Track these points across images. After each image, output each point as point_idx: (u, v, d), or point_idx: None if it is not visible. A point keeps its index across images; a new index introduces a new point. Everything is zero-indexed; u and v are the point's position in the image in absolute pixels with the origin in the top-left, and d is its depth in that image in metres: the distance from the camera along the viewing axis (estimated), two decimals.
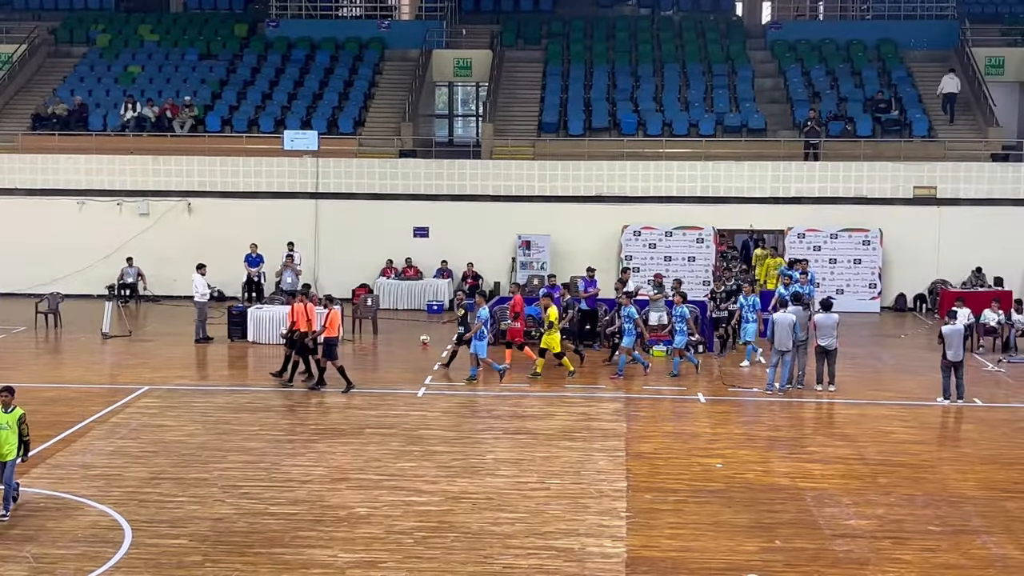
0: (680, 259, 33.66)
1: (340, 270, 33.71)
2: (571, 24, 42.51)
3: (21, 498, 16.14)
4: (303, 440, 19.62)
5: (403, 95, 38.61)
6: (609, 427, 20.53)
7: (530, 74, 40.10)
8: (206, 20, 43.84)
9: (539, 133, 36.70)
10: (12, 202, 35.35)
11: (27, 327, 30.07)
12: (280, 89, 39.17)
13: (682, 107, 37.32)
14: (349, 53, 41.20)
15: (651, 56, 40.44)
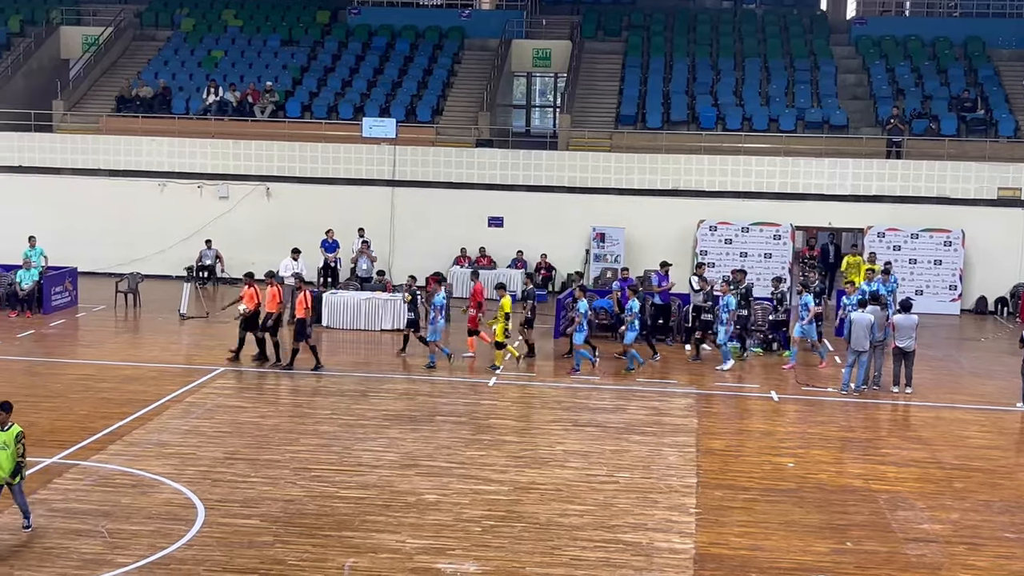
0: (756, 255, 33.33)
1: (414, 258, 33.84)
2: (652, 16, 42.24)
3: (99, 474, 16.43)
4: (374, 425, 19.75)
5: (481, 84, 38.65)
6: (680, 422, 20.40)
7: (609, 66, 39.93)
8: (289, 6, 44.23)
9: (617, 125, 36.54)
10: (96, 183, 35.96)
11: (107, 306, 30.59)
12: (360, 76, 39.40)
13: (762, 102, 36.93)
14: (429, 42, 41.32)
15: (732, 49, 40.07)
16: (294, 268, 28.90)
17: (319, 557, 13.76)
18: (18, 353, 25.04)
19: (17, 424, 14.03)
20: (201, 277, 33.62)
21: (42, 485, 16.01)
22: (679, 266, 30.88)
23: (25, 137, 36.54)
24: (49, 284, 29.80)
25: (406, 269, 31.93)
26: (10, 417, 13.95)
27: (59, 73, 41.99)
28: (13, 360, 24.29)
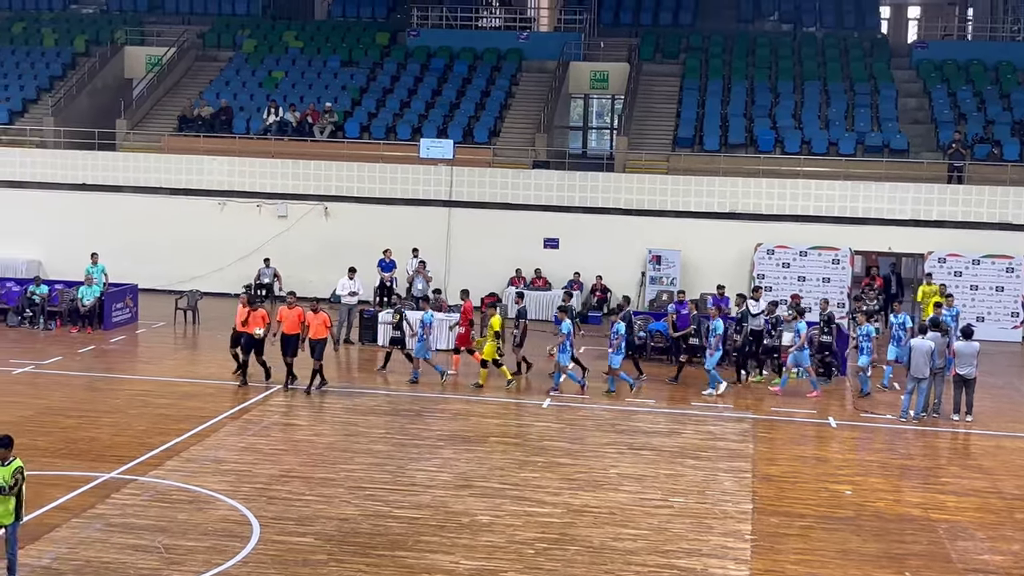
0: (814, 280, 33.05)
1: (469, 278, 33.86)
2: (710, 39, 42.14)
3: (156, 489, 16.60)
4: (429, 445, 19.78)
5: (539, 106, 38.74)
6: (736, 447, 20.25)
7: (667, 88, 39.86)
8: (349, 28, 44.63)
9: (674, 147, 36.45)
10: (157, 201, 36.42)
11: (167, 322, 30.93)
12: (418, 97, 39.65)
13: (822, 125, 36.69)
14: (487, 63, 41.51)
15: (791, 73, 39.87)
16: (351, 287, 29.08)
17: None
18: (79, 368, 25.39)
19: (19, 459, 13.01)
20: (259, 295, 33.88)
21: (100, 500, 16.20)
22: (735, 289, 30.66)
23: (89, 155, 37.11)
24: (110, 301, 30.21)
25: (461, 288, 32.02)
26: (11, 452, 12.89)
27: (123, 92, 42.64)
28: (74, 375, 24.63)
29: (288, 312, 23.61)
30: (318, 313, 23.64)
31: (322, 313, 23.69)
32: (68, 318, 30.13)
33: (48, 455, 18.35)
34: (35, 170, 36.99)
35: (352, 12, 46.12)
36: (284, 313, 23.64)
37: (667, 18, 43.81)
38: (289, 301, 23.90)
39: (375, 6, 45.96)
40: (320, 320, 23.60)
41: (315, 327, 23.57)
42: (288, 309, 23.66)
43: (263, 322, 23.77)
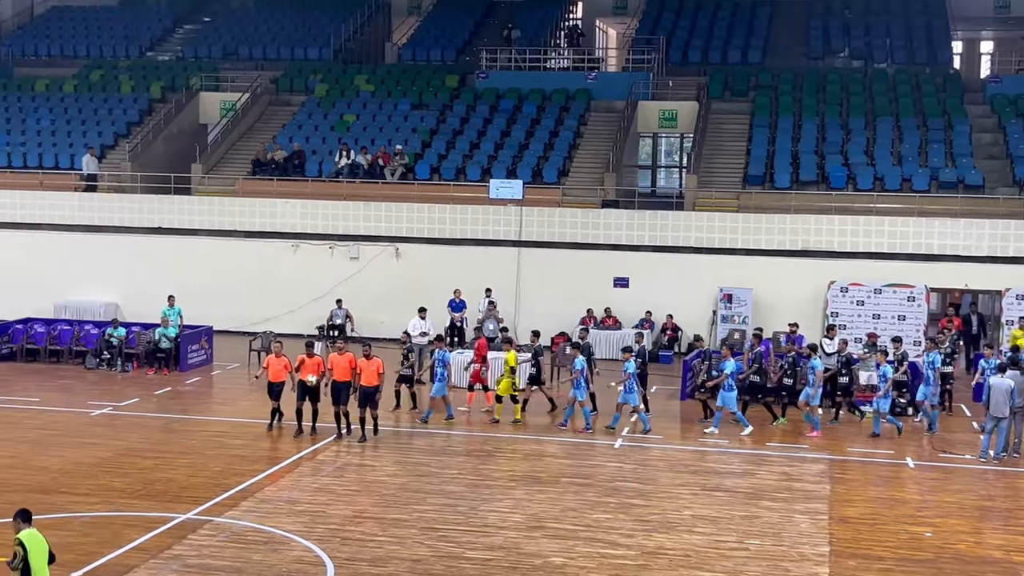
0: (889, 318, 32.61)
1: (539, 318, 33.88)
2: (780, 76, 41.96)
3: (232, 530, 16.74)
4: (500, 486, 19.76)
5: (607, 145, 38.80)
6: (812, 489, 19.98)
7: (736, 126, 39.74)
8: (419, 71, 45.10)
9: (744, 185, 36.27)
10: (231, 243, 36.92)
11: (240, 364, 31.26)
12: (487, 139, 39.90)
13: (895, 161, 36.32)
14: (556, 104, 41.69)
15: (863, 109, 39.55)
16: (422, 327, 29.24)
17: None
18: (156, 410, 25.74)
19: (31, 530, 12.46)
20: (332, 336, 34.15)
21: (176, 541, 16.37)
22: (808, 328, 30.39)
23: (165, 200, 37.78)
24: (186, 342, 30.63)
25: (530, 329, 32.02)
26: (26, 526, 12.45)
27: (198, 137, 43.43)
28: (151, 417, 24.98)
29: (338, 359, 22.73)
30: (371, 359, 22.69)
31: (376, 359, 22.73)
32: (145, 360, 30.59)
33: (126, 496, 18.60)
34: (113, 214, 37.72)
35: (422, 56, 46.61)
36: (334, 360, 22.78)
37: (736, 56, 43.73)
38: (339, 346, 23.23)
39: (444, 49, 46.42)
40: (373, 367, 22.62)
41: (367, 374, 22.57)
42: (338, 355, 22.80)
43: (317, 370, 22.86)
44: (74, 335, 31.69)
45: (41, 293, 36.57)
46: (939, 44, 43.41)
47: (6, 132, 42.22)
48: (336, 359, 22.76)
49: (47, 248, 37.52)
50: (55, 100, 44.49)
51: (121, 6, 52.09)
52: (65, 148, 40.96)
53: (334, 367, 22.70)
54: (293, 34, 47.99)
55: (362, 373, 22.54)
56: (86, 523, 17.20)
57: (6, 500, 18.19)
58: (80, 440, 22.43)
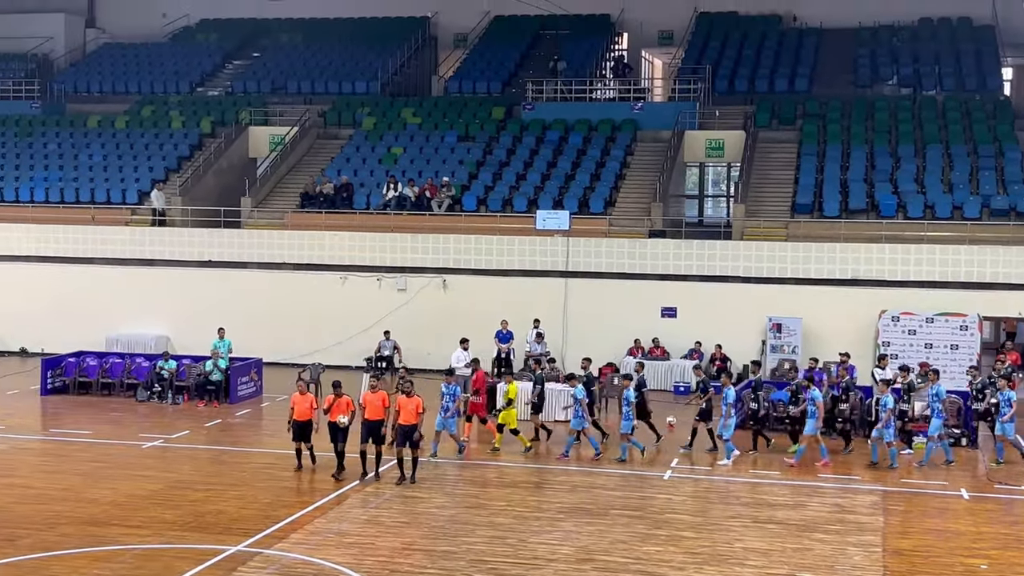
0: (942, 347, 32.22)
1: (587, 348, 33.71)
2: (828, 104, 41.76)
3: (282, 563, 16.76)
4: (549, 518, 19.66)
5: (654, 175, 38.75)
6: (865, 520, 19.72)
7: (784, 155, 39.57)
8: (465, 104, 45.33)
9: (792, 214, 36.08)
10: (280, 276, 37.20)
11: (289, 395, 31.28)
12: (534, 170, 39.98)
13: (945, 189, 35.98)
14: (602, 134, 41.73)
15: (912, 136, 39.26)
16: (465, 359, 29.20)
17: None
18: (206, 442, 25.89)
19: None
20: (380, 367, 34.25)
21: (227, 573, 16.41)
22: (860, 357, 30.11)
23: (215, 233, 38.17)
24: (236, 375, 30.82)
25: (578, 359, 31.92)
26: None
27: (247, 171, 43.87)
28: (201, 449, 25.13)
29: (371, 396, 21.71)
30: (411, 397, 21.62)
31: (416, 397, 21.65)
32: (195, 392, 30.80)
33: (176, 528, 18.68)
34: (163, 248, 38.15)
35: (468, 88, 46.85)
36: (367, 398, 21.80)
37: (783, 85, 43.58)
38: (372, 384, 22.04)
39: (491, 82, 46.65)
40: (413, 405, 21.51)
41: (406, 412, 21.46)
42: (372, 393, 21.77)
43: (347, 409, 21.96)
44: (125, 368, 31.99)
45: (93, 326, 37.00)
46: (988, 71, 43.05)
47: (59, 168, 42.86)
48: (369, 397, 21.77)
49: (99, 282, 37.99)
50: (107, 136, 45.14)
51: (172, 42, 52.83)
52: (117, 183, 41.51)
53: (367, 405, 21.70)
54: (341, 68, 48.44)
55: (400, 411, 21.50)
56: (137, 555, 17.29)
57: (59, 533, 18.36)
58: (131, 472, 22.59)
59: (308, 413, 22.68)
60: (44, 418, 28.91)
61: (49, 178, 42.14)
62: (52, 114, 47.80)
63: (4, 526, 18.41)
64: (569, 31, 48.91)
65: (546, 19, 49.22)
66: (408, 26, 50.52)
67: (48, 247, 38.66)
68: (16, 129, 46.23)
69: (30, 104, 48.26)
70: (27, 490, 21.10)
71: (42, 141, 45.12)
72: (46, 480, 21.96)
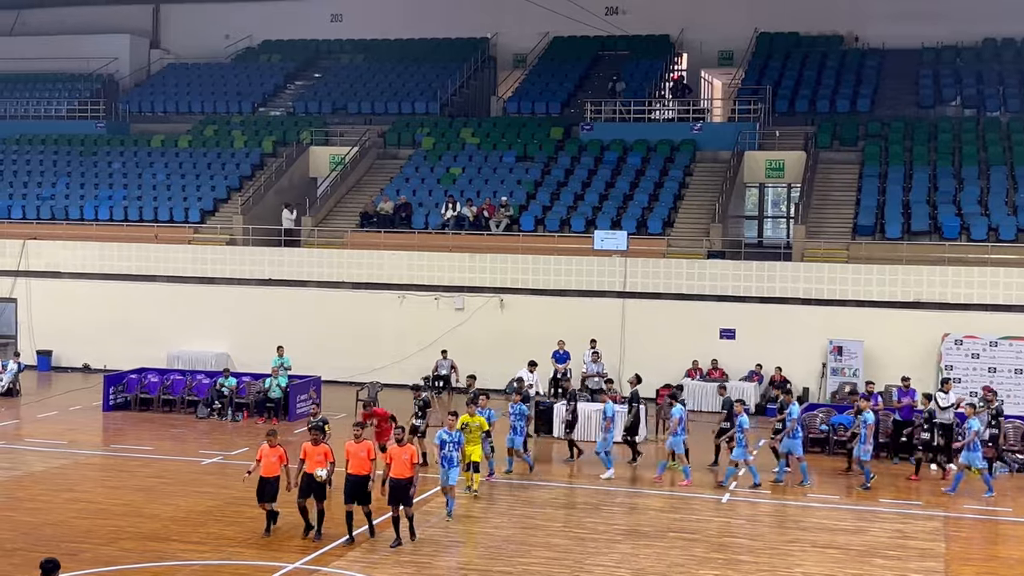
0: (1006, 371, 31.71)
1: (644, 370, 33.40)
2: (890, 125, 41.37)
3: None
4: (606, 540, 19.56)
5: (713, 196, 38.58)
6: (926, 546, 19.42)
7: (845, 176, 39.23)
8: (524, 124, 45.43)
9: (854, 236, 35.72)
10: (340, 295, 37.43)
11: (347, 414, 31.45)
12: (592, 190, 39.94)
13: (1010, 211, 35.46)
14: (660, 155, 41.62)
15: (976, 158, 38.76)
16: (529, 380, 29.23)
17: None
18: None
19: None
20: (437, 387, 34.32)
21: None
22: (921, 381, 29.72)
23: (276, 252, 38.50)
24: (295, 392, 31.04)
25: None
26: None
27: (308, 191, 44.25)
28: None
29: (354, 447, 18.89)
30: (404, 446, 18.77)
31: (410, 446, 18.89)
32: (255, 409, 31.05)
33: (235, 544, 18.81)
34: (225, 266, 38.55)
35: (527, 108, 46.96)
36: (350, 449, 18.94)
37: (844, 105, 43.23)
38: (355, 432, 19.09)
39: (549, 102, 46.73)
40: (407, 455, 18.60)
41: (399, 465, 18.51)
42: (355, 443, 18.90)
43: (326, 460, 18.95)
44: (186, 385, 32.35)
45: (155, 343, 37.47)
46: None
47: (123, 187, 43.51)
48: (352, 448, 18.91)
49: (161, 299, 38.47)
50: (170, 155, 45.76)
51: (234, 63, 53.51)
52: (180, 202, 42.05)
53: (350, 457, 18.88)
54: (400, 89, 48.75)
55: (392, 463, 18.63)
56: (196, 571, 17.44)
57: (120, 547, 18.56)
58: (191, 488, 22.79)
59: (275, 468, 19.21)
60: (106, 434, 29.27)
61: (113, 197, 42.78)
62: (116, 133, 48.56)
63: (66, 540, 18.65)
64: (628, 52, 48.94)
65: (605, 40, 49.27)
66: (467, 47, 50.79)
67: (111, 265, 39.20)
68: (81, 148, 47.01)
69: (95, 124, 49.07)
70: (89, 505, 21.37)
71: (106, 160, 45.83)
72: (107, 495, 22.23)
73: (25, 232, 40.79)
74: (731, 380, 33.31)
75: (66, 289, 39.30)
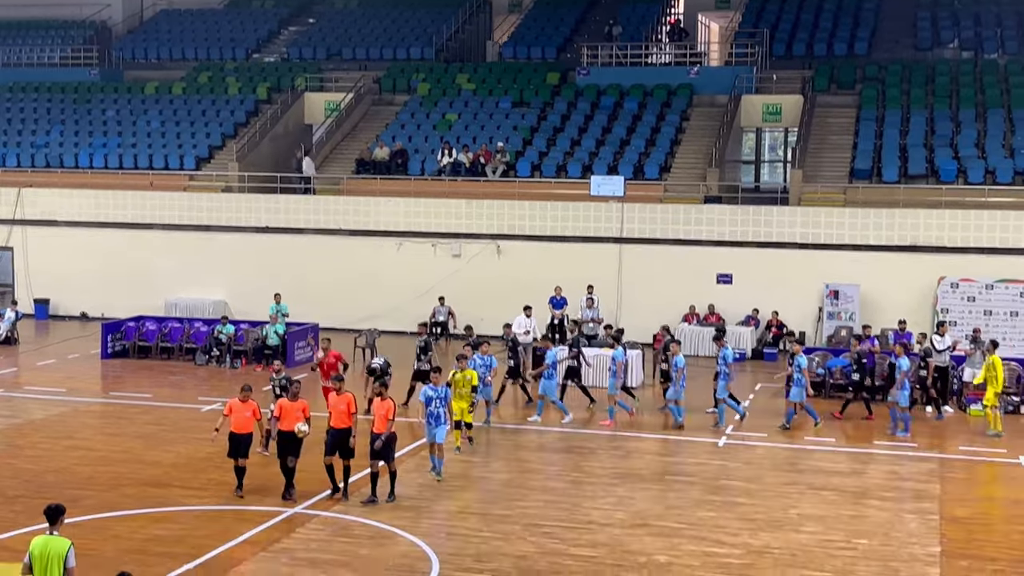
0: (1001, 314, 31.81)
1: (641, 315, 33.75)
2: (887, 69, 41.17)
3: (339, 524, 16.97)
4: (603, 483, 19.72)
5: (710, 141, 38.47)
6: (922, 488, 19.60)
7: (842, 119, 39.11)
8: (520, 69, 45.17)
9: (851, 180, 35.68)
10: (336, 241, 37.40)
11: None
12: (588, 135, 39.82)
13: (1007, 154, 35.40)
14: (657, 99, 41.44)
15: (973, 101, 38.62)
16: (527, 325, 29.31)
17: None
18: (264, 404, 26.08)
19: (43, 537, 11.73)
20: (435, 333, 34.36)
21: (285, 534, 16.67)
22: (916, 324, 29.83)
23: (271, 199, 38.42)
24: (292, 339, 31.12)
25: (631, 326, 31.94)
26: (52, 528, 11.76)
27: (303, 137, 44.07)
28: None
29: (335, 400, 18.58)
30: (384, 400, 18.45)
31: (388, 400, 18.45)
32: (253, 356, 31.14)
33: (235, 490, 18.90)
34: (220, 214, 38.47)
35: (523, 53, 46.68)
36: (331, 402, 18.71)
37: (842, 48, 43.00)
38: (336, 386, 18.82)
39: (545, 47, 46.43)
40: (384, 409, 18.27)
41: (378, 419, 18.26)
42: (336, 396, 18.61)
43: (304, 415, 18.55)
44: (184, 332, 32.42)
45: (152, 291, 37.49)
46: None
47: (117, 134, 43.32)
48: (333, 401, 18.64)
49: (158, 247, 38.43)
50: (164, 102, 45.54)
51: (228, 9, 53.10)
52: (174, 149, 41.89)
53: (331, 410, 18.61)
54: (395, 34, 48.42)
55: (376, 419, 18.32)
56: (198, 516, 17.58)
57: (121, 494, 18.71)
58: (191, 435, 22.91)
59: (248, 425, 18.97)
60: (104, 382, 29.38)
61: (108, 144, 42.60)
62: (110, 81, 48.26)
63: (67, 487, 18.78)
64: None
65: None
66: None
67: (107, 213, 39.12)
68: (75, 96, 46.75)
69: (88, 71, 48.74)
70: (89, 452, 21.50)
71: (100, 108, 45.59)
72: (107, 442, 22.37)
73: (20, 180, 40.67)
74: (728, 324, 33.40)
75: (62, 237, 39.26)
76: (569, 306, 33.17)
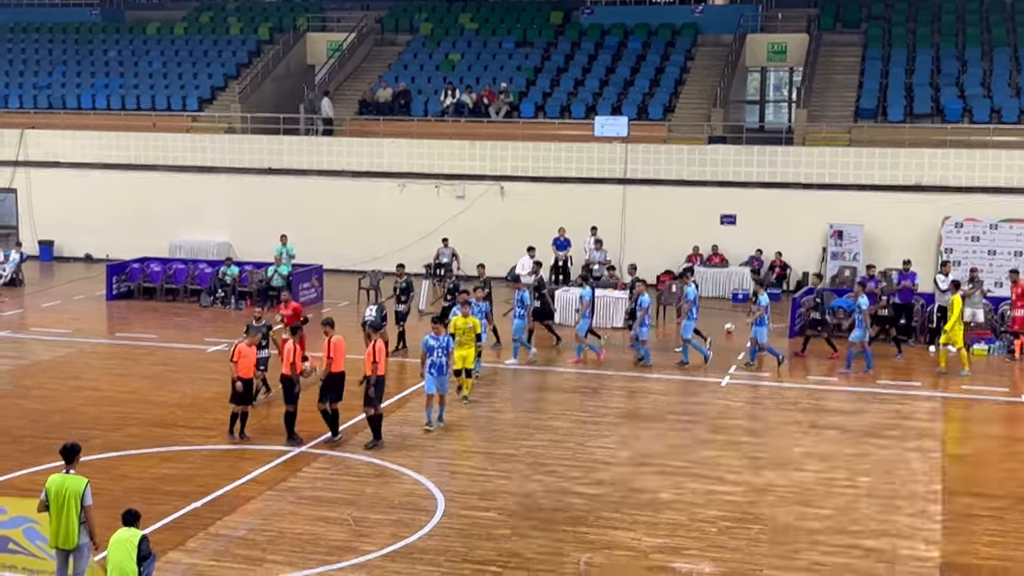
0: (1005, 254, 31.78)
1: (645, 256, 33.66)
2: (893, 7, 40.81)
3: (345, 464, 17.10)
4: (607, 423, 19.84)
5: (714, 81, 38.23)
6: (924, 426, 19.70)
7: (848, 58, 38.82)
8: (523, 9, 44.81)
9: (856, 119, 35.49)
10: (339, 183, 37.32)
11: (350, 302, 31.67)
12: (592, 76, 39.57)
13: (1013, 93, 35.18)
14: (661, 39, 41.14)
15: (979, 39, 38.31)
16: (530, 266, 29.33)
17: (555, 551, 13.95)
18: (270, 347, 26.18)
19: (60, 475, 11.95)
20: (438, 274, 34.41)
21: (291, 473, 16.80)
22: (921, 264, 29.81)
23: (274, 140, 38.29)
24: (297, 280, 31.16)
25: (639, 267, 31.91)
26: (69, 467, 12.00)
27: (305, 78, 43.83)
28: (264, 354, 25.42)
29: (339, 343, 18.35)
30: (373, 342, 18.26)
31: (379, 341, 18.38)
32: (258, 298, 31.18)
33: None
34: (223, 155, 38.35)
35: None
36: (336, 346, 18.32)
37: None
38: (325, 331, 18.56)
39: None
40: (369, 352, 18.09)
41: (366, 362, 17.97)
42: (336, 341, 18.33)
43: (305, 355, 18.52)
44: (189, 274, 32.46)
45: (156, 233, 37.47)
46: None
47: (119, 75, 43.09)
48: (325, 347, 18.30)
49: (161, 189, 38.35)
50: (166, 43, 45.25)
51: None
52: (176, 90, 41.68)
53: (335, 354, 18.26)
54: None
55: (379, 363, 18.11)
56: (204, 455, 17.73)
57: (128, 434, 18.84)
58: (197, 376, 23.04)
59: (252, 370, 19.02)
60: (110, 323, 29.48)
61: (110, 85, 42.38)
62: (111, 21, 47.90)
63: (74, 427, 18.91)
64: None
65: None
66: None
67: (110, 154, 39.02)
68: (76, 36, 46.45)
69: (89, 11, 48.37)
70: (95, 392, 21.63)
71: (102, 48, 45.31)
72: (114, 383, 22.48)
73: (23, 121, 40.53)
74: (731, 265, 33.43)
75: (66, 179, 39.17)
76: (573, 247, 33.19)
